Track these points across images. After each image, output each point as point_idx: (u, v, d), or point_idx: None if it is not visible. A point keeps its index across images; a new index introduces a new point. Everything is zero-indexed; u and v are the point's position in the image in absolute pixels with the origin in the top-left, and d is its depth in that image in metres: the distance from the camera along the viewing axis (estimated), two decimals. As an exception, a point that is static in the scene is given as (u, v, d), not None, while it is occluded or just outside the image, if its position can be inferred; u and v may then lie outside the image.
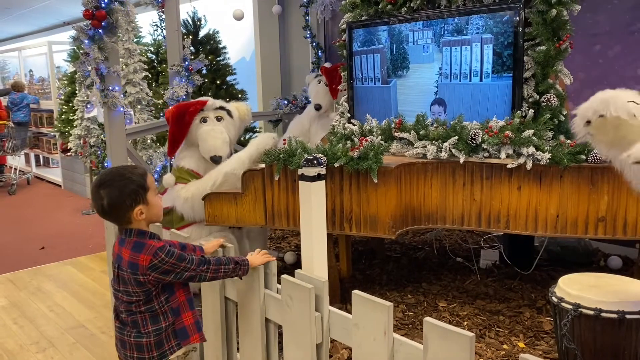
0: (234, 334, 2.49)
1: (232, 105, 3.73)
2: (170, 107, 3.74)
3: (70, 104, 7.53)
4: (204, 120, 3.54)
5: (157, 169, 4.31)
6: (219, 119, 3.58)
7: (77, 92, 7.04)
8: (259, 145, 3.33)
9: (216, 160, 3.45)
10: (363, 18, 3.68)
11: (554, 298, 2.04)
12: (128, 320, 1.91)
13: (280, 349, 2.28)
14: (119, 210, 1.83)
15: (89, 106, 6.23)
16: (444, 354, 1.58)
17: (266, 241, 4.19)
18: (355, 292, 1.87)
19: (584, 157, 2.71)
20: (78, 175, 8.43)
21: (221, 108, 3.62)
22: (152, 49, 6.89)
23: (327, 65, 5.24)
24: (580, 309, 1.78)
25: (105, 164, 3.72)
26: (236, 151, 3.58)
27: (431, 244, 4.34)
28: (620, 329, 1.61)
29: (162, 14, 5.84)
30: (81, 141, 6.86)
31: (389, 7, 3.49)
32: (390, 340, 1.75)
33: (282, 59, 6.42)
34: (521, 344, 2.75)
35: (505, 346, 2.75)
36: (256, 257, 2.19)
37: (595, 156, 2.69)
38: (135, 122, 5.62)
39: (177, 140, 3.54)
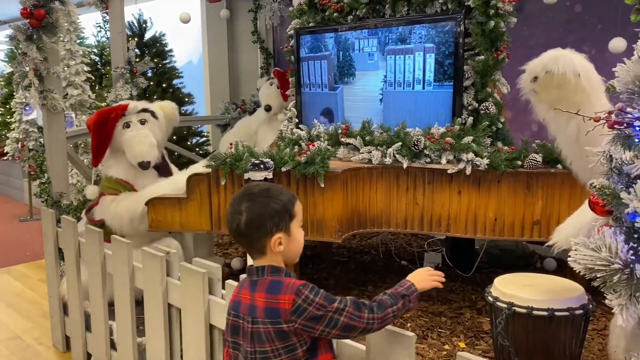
0: (178, 340, 2.45)
1: (156, 106, 3.62)
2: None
3: (8, 106, 7.23)
4: (127, 125, 3.42)
5: (99, 175, 4.19)
6: (142, 122, 3.46)
7: (14, 93, 6.76)
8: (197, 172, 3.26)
9: (144, 166, 3.36)
10: (310, 25, 3.72)
11: (489, 297, 2.13)
12: None
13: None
14: (257, 231, 1.49)
15: (27, 108, 5.99)
16: (386, 355, 1.62)
17: (212, 247, 4.15)
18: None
19: (520, 162, 2.84)
20: (15, 181, 8.08)
21: (144, 110, 3.50)
22: (96, 50, 6.71)
23: (280, 69, 5.24)
24: (513, 308, 1.87)
25: (44, 169, 3.59)
26: (173, 153, 3.51)
27: (377, 248, 4.41)
28: (550, 326, 1.70)
29: (106, 14, 5.69)
30: (19, 145, 6.59)
31: (335, 14, 3.55)
32: (333, 343, 1.77)
33: (230, 63, 6.38)
34: (462, 344, 2.84)
35: (446, 346, 2.83)
36: (422, 278, 1.67)
37: (531, 162, 2.81)
38: (76, 126, 5.45)
39: (100, 149, 3.41)
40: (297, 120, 3.81)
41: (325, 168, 2.89)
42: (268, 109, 5.01)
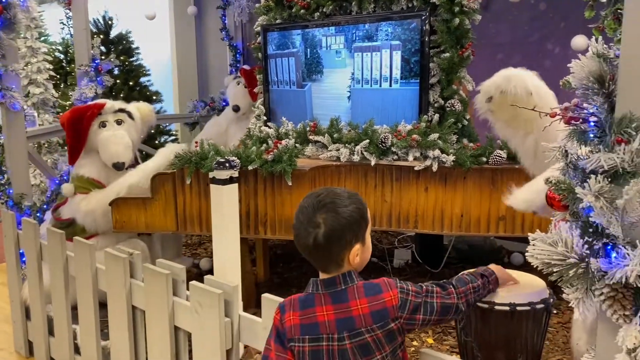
0: (143, 343, 2.41)
1: (133, 106, 3.60)
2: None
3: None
4: (103, 124, 3.38)
5: (64, 175, 4.09)
6: (119, 122, 3.42)
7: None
8: (166, 156, 3.22)
9: (119, 166, 3.31)
10: (277, 21, 3.69)
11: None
12: None
13: (191, 357, 2.23)
14: (337, 244, 1.33)
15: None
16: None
17: (180, 248, 4.10)
18: (265, 295, 1.86)
19: (485, 159, 2.87)
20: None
21: (121, 110, 3.47)
22: (60, 48, 6.56)
23: (247, 67, 5.20)
24: (476, 303, 1.88)
25: (3, 168, 3.48)
26: (141, 152, 3.47)
27: (348, 246, 4.41)
28: (512, 320, 1.72)
29: (69, 11, 5.56)
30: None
31: (302, 11, 3.53)
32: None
33: (199, 61, 6.30)
34: (430, 340, 2.86)
35: (415, 342, 2.84)
36: (500, 269, 1.73)
37: (495, 159, 2.84)
38: (39, 125, 5.31)
39: (76, 147, 3.35)
40: (265, 118, 3.78)
41: (293, 166, 2.87)
42: (236, 109, 4.97)
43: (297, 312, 1.38)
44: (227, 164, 2.61)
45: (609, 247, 1.22)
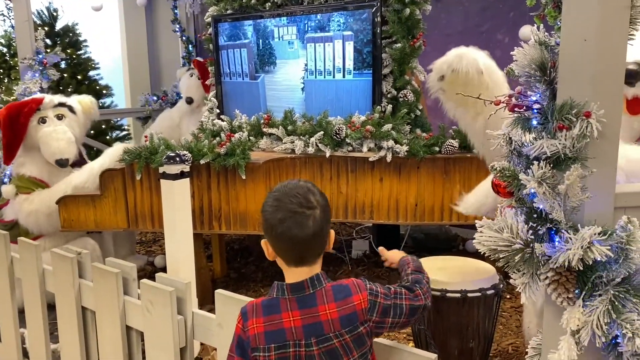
0: (94, 344, 2.33)
1: (74, 100, 3.50)
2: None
3: None
4: (43, 120, 3.27)
5: (7, 173, 3.92)
6: (59, 117, 3.32)
7: None
8: (112, 156, 3.13)
9: (62, 163, 3.20)
10: (228, 12, 3.62)
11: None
12: None
13: (145, 357, 2.18)
14: (321, 238, 1.31)
15: None
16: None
17: (134, 245, 4.00)
18: (219, 291, 1.83)
19: (437, 148, 2.90)
20: None
21: (61, 105, 3.36)
22: (2, 41, 6.27)
23: (200, 59, 5.10)
24: (428, 292, 1.90)
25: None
26: (92, 148, 3.36)
27: (306, 238, 4.41)
28: (463, 307, 1.75)
29: (9, 2, 5.32)
30: None
31: (253, 1, 3.47)
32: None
33: (150, 53, 6.15)
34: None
35: (372, 332, 2.86)
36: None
37: (448, 148, 2.88)
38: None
39: (12, 145, 3.22)
40: (218, 110, 3.72)
41: (246, 159, 2.83)
42: (190, 101, 4.87)
43: (261, 319, 1.32)
44: (177, 159, 2.55)
45: (552, 232, 1.24)
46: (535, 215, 1.24)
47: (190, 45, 5.69)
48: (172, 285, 1.99)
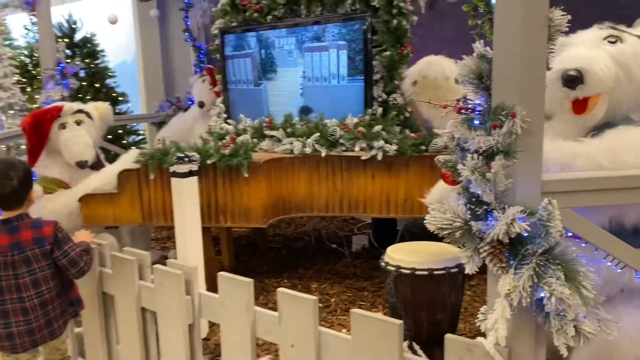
0: (113, 326, 2.61)
1: (91, 106, 3.75)
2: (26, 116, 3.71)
3: None
4: (63, 126, 3.53)
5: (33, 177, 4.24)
6: (78, 123, 3.58)
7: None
8: (127, 162, 3.38)
9: (82, 165, 3.48)
10: (233, 24, 3.91)
11: (382, 263, 2.42)
12: None
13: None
14: (20, 195, 2.09)
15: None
16: (295, 317, 1.86)
17: (149, 240, 4.29)
18: (221, 273, 2.09)
19: (424, 147, 3.14)
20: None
21: (79, 111, 3.63)
22: (25, 52, 6.64)
23: (212, 66, 5.38)
24: (400, 270, 2.16)
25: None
26: (109, 152, 3.64)
27: (310, 234, 4.67)
28: (431, 283, 1.99)
29: (33, 16, 5.67)
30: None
31: (255, 14, 3.76)
32: (252, 314, 2.00)
33: (164, 61, 6.46)
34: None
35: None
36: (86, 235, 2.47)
37: (434, 146, 3.12)
38: (7, 128, 5.42)
39: (36, 150, 3.51)
40: (225, 115, 4.01)
41: (249, 159, 3.11)
42: (201, 105, 5.16)
43: None
44: (185, 159, 2.84)
45: (490, 213, 1.50)
46: (473, 199, 1.50)
47: (201, 54, 5.98)
48: (181, 270, 2.26)
